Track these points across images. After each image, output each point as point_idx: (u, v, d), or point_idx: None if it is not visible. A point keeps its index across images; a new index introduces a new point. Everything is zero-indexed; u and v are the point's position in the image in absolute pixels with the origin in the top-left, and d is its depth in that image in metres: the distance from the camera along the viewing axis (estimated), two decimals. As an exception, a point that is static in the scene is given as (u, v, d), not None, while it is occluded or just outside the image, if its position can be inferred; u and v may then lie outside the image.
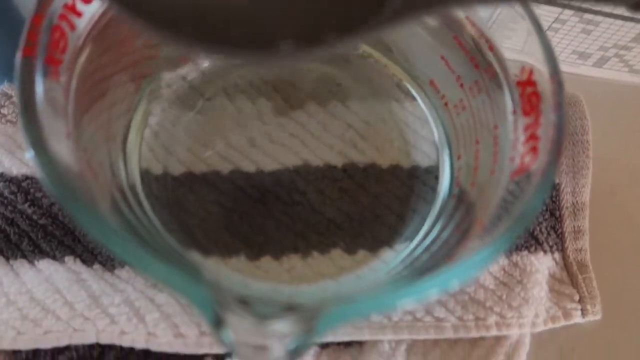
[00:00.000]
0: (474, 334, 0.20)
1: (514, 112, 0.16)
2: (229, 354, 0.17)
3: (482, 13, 0.18)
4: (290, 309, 0.11)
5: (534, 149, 0.14)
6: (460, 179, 0.18)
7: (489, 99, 0.17)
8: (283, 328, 0.10)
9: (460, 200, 0.18)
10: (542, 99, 0.14)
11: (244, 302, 0.11)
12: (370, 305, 0.11)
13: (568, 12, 0.25)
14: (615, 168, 0.26)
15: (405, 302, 0.12)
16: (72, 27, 0.14)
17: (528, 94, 0.15)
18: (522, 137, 0.15)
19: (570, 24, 0.26)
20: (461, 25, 0.18)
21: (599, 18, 0.26)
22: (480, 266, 0.12)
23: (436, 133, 0.20)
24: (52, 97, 0.14)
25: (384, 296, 0.11)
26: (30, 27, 0.13)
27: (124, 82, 0.18)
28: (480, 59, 0.17)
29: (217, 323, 0.11)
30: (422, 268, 0.16)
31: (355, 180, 0.20)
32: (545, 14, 0.26)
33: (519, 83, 0.16)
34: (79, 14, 0.14)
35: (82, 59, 0.15)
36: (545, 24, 0.26)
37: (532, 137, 0.14)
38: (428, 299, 0.18)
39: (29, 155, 0.13)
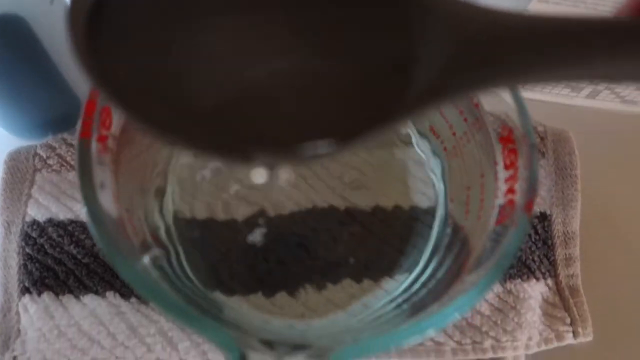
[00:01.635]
0: (472, 356, 0.22)
1: (496, 164, 0.18)
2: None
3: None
4: (304, 347, 0.13)
5: (511, 202, 0.16)
6: (453, 219, 0.20)
7: (477, 149, 0.19)
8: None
9: (454, 238, 0.20)
10: (519, 155, 0.17)
11: (266, 343, 0.14)
12: (376, 345, 0.13)
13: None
14: (606, 194, 0.27)
15: (407, 341, 0.14)
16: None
17: (508, 150, 0.17)
18: (503, 188, 0.17)
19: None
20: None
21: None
22: (463, 310, 0.14)
23: (433, 177, 0.22)
24: (102, 166, 0.16)
25: (389, 336, 0.13)
26: (85, 116, 0.15)
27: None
28: (468, 114, 0.20)
29: (242, 361, 0.13)
30: (420, 303, 0.18)
31: (361, 223, 0.22)
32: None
33: (501, 139, 0.18)
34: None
35: (122, 129, 0.18)
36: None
37: (511, 191, 0.16)
38: (426, 337, 0.20)
39: (84, 211, 0.15)
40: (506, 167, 0.17)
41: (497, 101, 0.18)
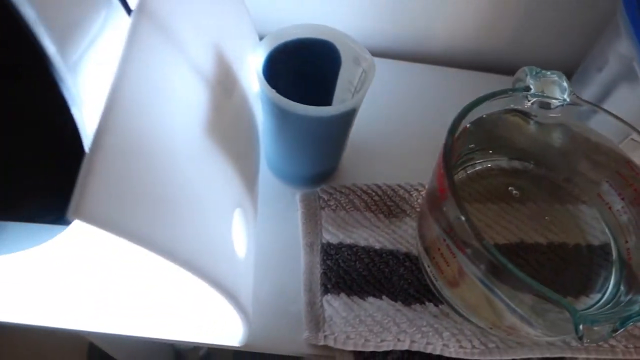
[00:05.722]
0: (635, 356, 0.31)
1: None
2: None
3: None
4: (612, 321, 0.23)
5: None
6: (631, 258, 0.30)
7: (647, 210, 0.30)
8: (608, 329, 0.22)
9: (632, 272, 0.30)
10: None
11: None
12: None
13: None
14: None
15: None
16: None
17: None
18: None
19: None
20: (623, 165, 0.31)
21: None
22: None
23: (602, 226, 0.33)
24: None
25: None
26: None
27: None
28: (638, 186, 0.31)
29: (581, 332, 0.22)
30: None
31: (556, 254, 0.32)
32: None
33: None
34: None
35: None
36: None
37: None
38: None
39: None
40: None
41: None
